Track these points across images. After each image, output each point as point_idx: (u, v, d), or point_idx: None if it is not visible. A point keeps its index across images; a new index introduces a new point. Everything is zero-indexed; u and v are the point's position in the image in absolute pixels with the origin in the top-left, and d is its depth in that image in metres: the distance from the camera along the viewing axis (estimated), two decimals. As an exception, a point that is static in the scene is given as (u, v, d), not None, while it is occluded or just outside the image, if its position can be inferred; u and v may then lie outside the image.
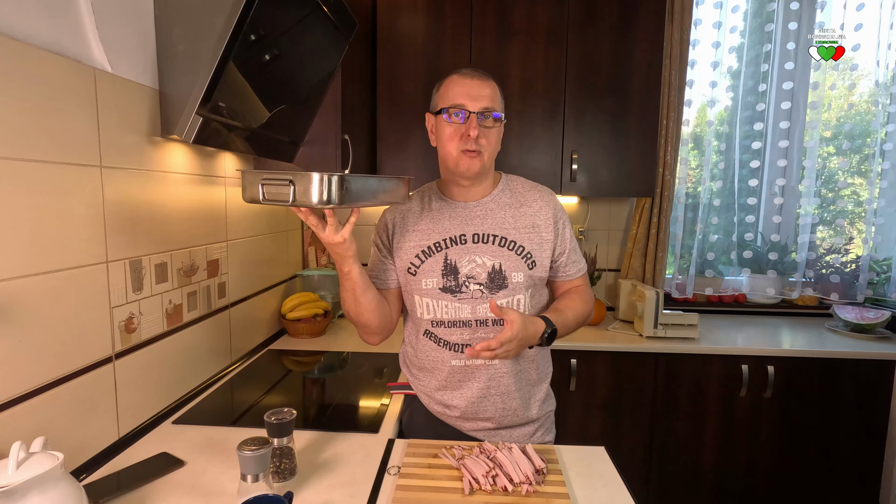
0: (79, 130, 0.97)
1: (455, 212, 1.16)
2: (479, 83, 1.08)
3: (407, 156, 2.12)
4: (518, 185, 1.21)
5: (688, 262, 2.42)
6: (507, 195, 1.18)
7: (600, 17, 2.02)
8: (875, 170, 2.28)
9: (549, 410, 1.26)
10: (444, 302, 1.13)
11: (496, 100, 1.09)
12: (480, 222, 1.14)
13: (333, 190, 0.87)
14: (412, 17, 2.06)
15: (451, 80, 1.10)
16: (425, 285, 1.14)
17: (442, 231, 1.15)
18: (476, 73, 1.10)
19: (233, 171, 1.58)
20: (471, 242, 1.13)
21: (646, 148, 2.08)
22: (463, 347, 1.14)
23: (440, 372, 1.17)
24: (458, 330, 1.14)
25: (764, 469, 1.98)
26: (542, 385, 1.23)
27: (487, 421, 1.17)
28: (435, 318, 1.15)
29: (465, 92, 1.07)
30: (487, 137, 1.08)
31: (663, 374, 1.96)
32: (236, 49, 1.08)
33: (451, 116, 1.08)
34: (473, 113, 1.06)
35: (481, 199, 1.16)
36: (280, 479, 0.95)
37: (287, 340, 1.92)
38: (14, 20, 0.84)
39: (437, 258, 1.14)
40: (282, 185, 0.89)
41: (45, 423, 0.91)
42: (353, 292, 1.07)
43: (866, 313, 2.13)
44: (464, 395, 1.16)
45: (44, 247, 0.90)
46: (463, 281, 1.12)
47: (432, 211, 1.17)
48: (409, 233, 1.16)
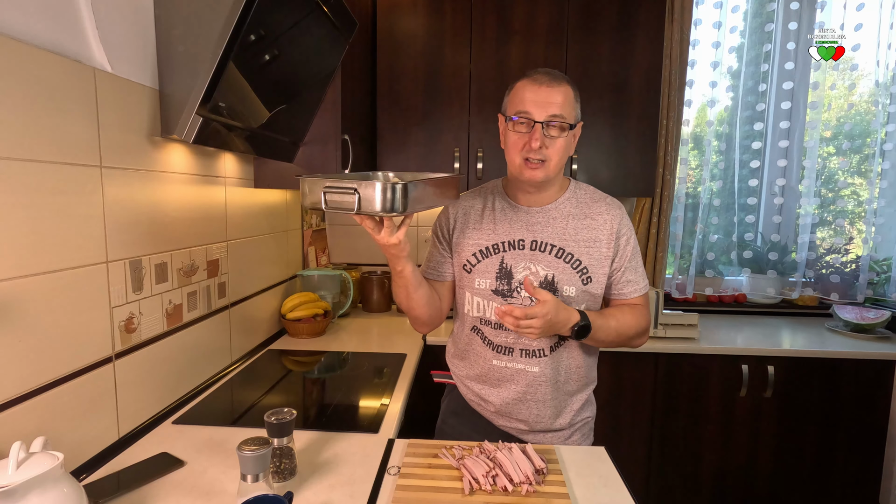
0: (79, 130, 0.97)
1: (517, 216, 1.15)
2: (549, 90, 1.03)
3: (407, 156, 2.12)
4: (586, 195, 1.17)
5: (688, 262, 2.42)
6: (573, 204, 1.15)
7: (600, 17, 2.02)
8: (875, 170, 2.28)
9: (587, 417, 1.23)
10: (493, 303, 1.13)
11: (567, 106, 1.04)
12: (541, 230, 1.13)
13: (398, 198, 0.87)
14: (412, 17, 2.06)
15: (521, 84, 1.07)
16: (478, 284, 1.14)
17: (502, 234, 1.14)
18: (548, 77, 1.05)
19: (233, 170, 1.58)
20: (528, 249, 1.12)
21: (646, 148, 2.08)
22: (507, 350, 1.15)
23: (481, 366, 1.18)
24: (503, 332, 1.14)
25: (764, 469, 1.98)
26: (580, 394, 1.20)
27: (521, 423, 1.18)
28: (483, 316, 1.16)
29: (533, 99, 1.03)
30: (553, 147, 1.04)
31: (663, 374, 1.96)
32: (236, 49, 1.08)
33: (517, 124, 1.05)
34: (539, 122, 1.03)
35: (545, 205, 1.14)
36: (280, 479, 0.95)
37: (287, 340, 1.92)
38: (14, 20, 0.84)
39: (493, 260, 1.14)
40: (346, 193, 0.88)
41: (45, 423, 0.91)
42: (405, 289, 1.09)
43: (866, 313, 2.13)
44: (500, 393, 1.17)
45: (44, 247, 0.90)
46: (515, 286, 1.12)
47: (495, 212, 1.16)
48: (470, 230, 1.17)
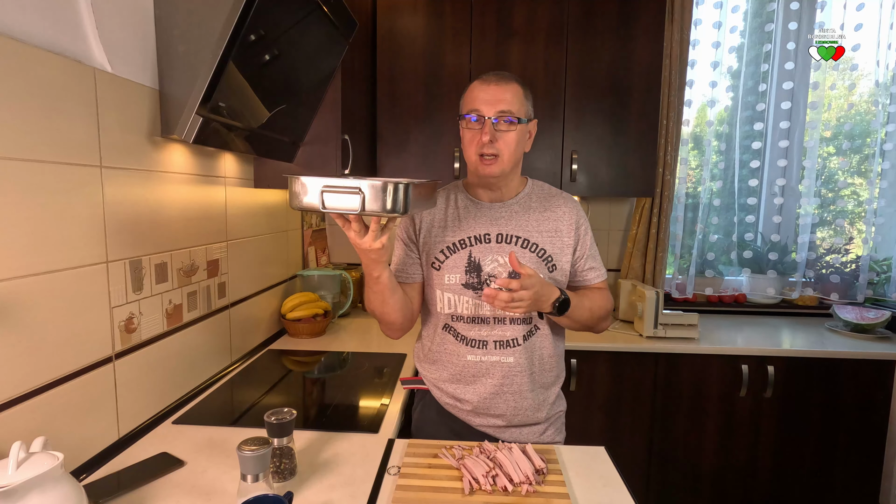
0: (79, 130, 0.97)
1: (481, 212, 1.19)
2: (497, 88, 1.09)
3: (407, 156, 2.12)
4: (543, 191, 1.23)
5: (688, 262, 2.42)
6: (532, 199, 1.21)
7: (600, 17, 2.02)
8: (875, 170, 2.28)
9: (560, 411, 1.27)
10: (465, 297, 1.16)
11: (516, 102, 1.10)
12: (505, 223, 1.17)
13: (400, 199, 0.86)
14: (412, 17, 2.06)
15: (473, 85, 1.13)
16: (448, 280, 1.16)
17: (467, 229, 1.17)
18: (497, 77, 1.11)
19: (233, 170, 1.58)
20: (494, 242, 1.16)
21: (646, 148, 2.08)
22: (481, 344, 1.16)
23: (454, 366, 1.19)
24: (476, 326, 1.16)
25: (764, 469, 1.98)
26: (554, 388, 1.24)
27: (498, 418, 1.19)
28: (455, 312, 1.17)
29: (483, 97, 1.09)
30: (504, 141, 1.10)
31: (663, 374, 1.96)
32: (236, 49, 1.08)
33: (470, 122, 1.11)
34: (488, 118, 1.08)
35: (506, 200, 1.19)
36: (280, 479, 0.95)
37: (287, 340, 1.92)
38: (14, 20, 0.84)
39: (461, 255, 1.16)
40: (349, 193, 0.87)
41: (45, 423, 0.91)
42: (381, 295, 1.09)
43: (866, 313, 2.13)
44: (477, 390, 1.17)
45: (44, 247, 0.90)
46: (485, 279, 1.15)
47: (458, 209, 1.20)
48: (436, 229, 1.19)
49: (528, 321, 1.17)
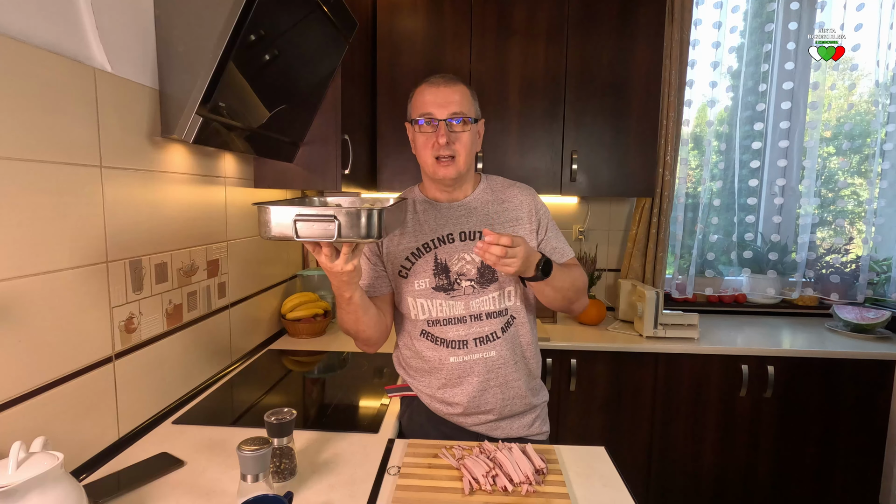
0: (79, 130, 0.97)
1: (440, 213, 1.19)
2: (447, 90, 1.11)
3: (408, 156, 2.10)
4: (497, 183, 1.24)
5: (688, 262, 2.42)
6: (489, 193, 1.22)
7: (600, 17, 2.02)
8: (875, 170, 2.28)
9: (544, 401, 1.28)
10: (437, 301, 1.15)
11: (466, 103, 1.12)
12: (465, 221, 1.18)
13: (375, 223, 0.86)
14: (412, 17, 2.06)
15: (420, 89, 1.15)
16: (418, 286, 1.16)
17: (429, 232, 1.17)
18: (444, 79, 1.13)
19: (233, 170, 1.58)
20: (458, 241, 1.17)
21: (646, 148, 2.08)
22: (461, 344, 1.16)
23: (440, 371, 1.18)
24: (453, 327, 1.16)
25: (764, 469, 1.98)
26: (535, 378, 1.26)
27: (488, 413, 1.18)
28: (430, 317, 1.17)
29: (433, 100, 1.11)
30: (459, 142, 1.12)
31: (663, 374, 1.96)
32: (236, 49, 1.08)
33: (422, 126, 1.12)
34: (441, 120, 1.10)
35: (464, 199, 1.20)
36: (280, 479, 0.95)
37: (287, 340, 1.92)
38: (14, 20, 0.84)
39: (427, 258, 1.16)
40: (324, 221, 0.86)
41: (45, 423, 0.91)
42: (354, 314, 1.08)
43: (866, 313, 2.13)
44: (465, 390, 1.17)
45: (44, 247, 0.90)
46: (454, 279, 1.15)
47: (417, 214, 1.20)
48: (398, 238, 1.19)
49: (503, 313, 1.16)
